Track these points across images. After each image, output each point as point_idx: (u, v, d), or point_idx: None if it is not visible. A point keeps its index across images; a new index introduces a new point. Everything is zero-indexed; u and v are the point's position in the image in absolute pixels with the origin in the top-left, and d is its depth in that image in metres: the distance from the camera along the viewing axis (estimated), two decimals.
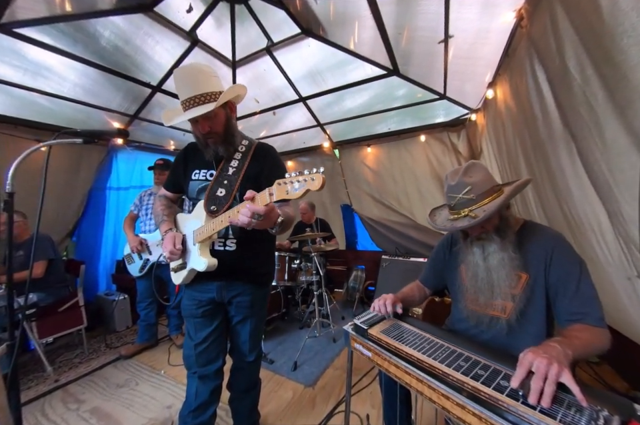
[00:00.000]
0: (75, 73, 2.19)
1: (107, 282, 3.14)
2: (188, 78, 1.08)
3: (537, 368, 0.64)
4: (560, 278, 0.91)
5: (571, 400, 0.63)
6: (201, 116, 1.07)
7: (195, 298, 1.23)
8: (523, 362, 0.67)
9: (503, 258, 0.95)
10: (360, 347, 1.03)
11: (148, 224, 2.46)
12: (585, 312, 0.84)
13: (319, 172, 0.77)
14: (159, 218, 1.27)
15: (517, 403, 0.63)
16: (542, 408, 0.61)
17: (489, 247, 0.98)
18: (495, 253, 0.97)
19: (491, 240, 0.98)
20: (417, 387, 0.81)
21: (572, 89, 1.07)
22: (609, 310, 1.61)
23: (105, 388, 1.98)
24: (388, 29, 1.91)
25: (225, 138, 1.16)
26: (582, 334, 0.79)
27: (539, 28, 1.18)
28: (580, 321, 0.84)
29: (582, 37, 0.94)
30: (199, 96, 1.06)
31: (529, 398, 0.62)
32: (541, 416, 0.59)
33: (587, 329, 0.81)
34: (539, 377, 0.63)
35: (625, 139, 0.93)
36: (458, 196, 0.95)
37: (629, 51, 0.79)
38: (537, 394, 0.61)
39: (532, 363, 0.66)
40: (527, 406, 0.62)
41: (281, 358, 2.27)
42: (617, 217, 1.15)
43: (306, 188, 0.78)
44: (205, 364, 1.24)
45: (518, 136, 1.85)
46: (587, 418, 0.57)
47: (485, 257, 0.99)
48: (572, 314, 0.86)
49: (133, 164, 3.21)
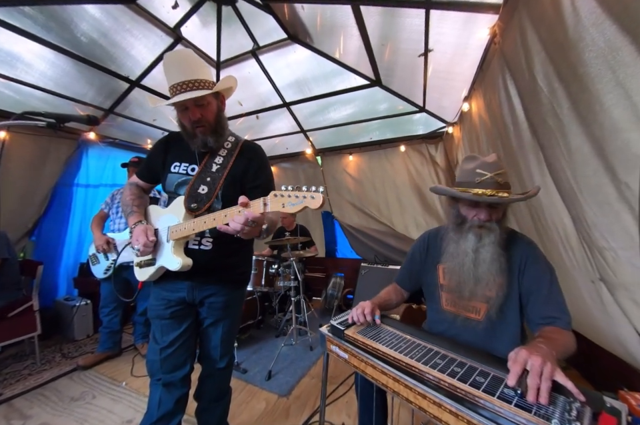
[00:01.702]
0: (44, 63, 2.08)
1: (67, 286, 2.91)
2: (181, 63, 1.05)
3: (531, 366, 0.64)
4: (533, 283, 0.95)
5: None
6: (194, 103, 1.04)
7: (163, 297, 1.15)
8: (517, 360, 0.66)
9: (494, 252, 0.95)
10: (336, 349, 1.00)
11: (118, 223, 2.33)
12: (555, 316, 0.89)
13: (318, 191, 0.76)
14: (128, 208, 1.18)
15: (493, 398, 0.62)
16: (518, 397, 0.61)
17: (487, 237, 0.96)
18: (490, 245, 0.95)
19: (491, 231, 0.96)
20: (394, 387, 0.79)
21: (540, 101, 1.15)
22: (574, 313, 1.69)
23: (56, 402, 1.79)
24: (372, 40, 1.98)
25: (216, 128, 1.12)
26: (557, 336, 0.82)
27: (510, 44, 1.27)
28: (551, 324, 0.88)
29: (549, 51, 1.02)
30: (193, 81, 1.03)
31: (528, 396, 0.60)
32: (515, 410, 0.59)
33: (558, 331, 0.84)
34: (535, 374, 0.62)
35: (588, 147, 0.99)
36: (490, 175, 0.93)
37: (590, 64, 0.86)
38: (534, 390, 0.60)
39: (526, 361, 0.65)
40: (503, 397, 0.62)
41: (255, 367, 2.17)
42: (581, 222, 1.22)
43: (304, 205, 0.77)
44: (171, 370, 1.16)
45: (492, 147, 1.95)
46: (560, 409, 0.58)
47: (477, 248, 0.97)
48: (544, 318, 0.90)
49: (105, 161, 3.05)
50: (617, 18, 0.76)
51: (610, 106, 0.85)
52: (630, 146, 0.86)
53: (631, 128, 0.83)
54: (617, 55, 0.79)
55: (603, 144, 0.94)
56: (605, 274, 1.25)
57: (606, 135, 0.91)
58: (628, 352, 1.39)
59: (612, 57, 0.80)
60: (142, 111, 2.85)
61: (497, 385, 0.67)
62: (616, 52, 0.79)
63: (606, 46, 0.81)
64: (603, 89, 0.86)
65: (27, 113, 1.03)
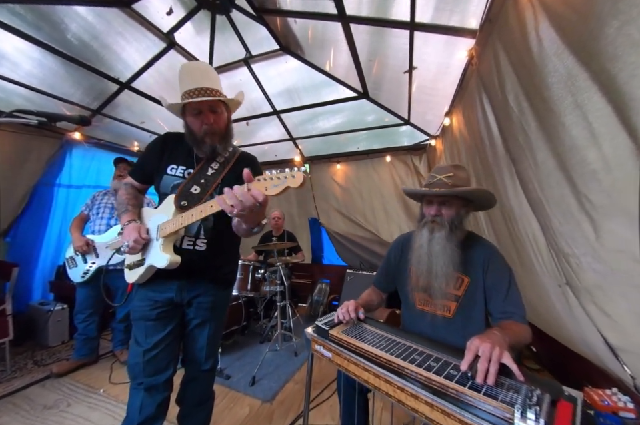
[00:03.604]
0: (31, 62, 2.07)
1: (42, 290, 2.80)
2: (201, 72, 1.12)
3: (482, 352, 0.72)
4: (494, 282, 1.06)
5: (511, 384, 0.69)
6: (209, 108, 1.10)
7: (150, 298, 1.15)
8: (470, 348, 0.75)
9: (445, 246, 1.05)
10: (321, 348, 1.03)
11: (98, 224, 2.27)
12: (513, 312, 1.01)
13: (300, 170, 0.78)
14: (122, 207, 1.19)
15: (464, 389, 0.68)
16: (488, 387, 0.67)
17: (437, 232, 1.08)
18: (440, 239, 1.06)
19: (442, 226, 1.08)
20: (375, 383, 0.83)
21: (511, 119, 1.26)
22: (545, 316, 1.79)
23: (28, 411, 1.71)
24: (360, 55, 2.09)
25: (225, 136, 1.18)
26: (512, 327, 0.94)
27: (485, 65, 1.39)
28: (509, 318, 1.00)
29: (518, 74, 1.13)
30: (210, 89, 1.08)
31: (477, 378, 0.69)
32: (484, 398, 0.65)
33: (515, 324, 0.97)
34: (484, 359, 0.71)
35: (552, 161, 1.09)
36: (439, 177, 1.08)
37: (553, 88, 0.96)
38: (483, 373, 0.69)
39: (478, 348, 0.73)
40: (474, 387, 0.68)
41: (239, 373, 2.15)
42: (548, 230, 1.32)
43: (286, 185, 0.78)
44: (154, 373, 1.15)
45: (470, 160, 2.07)
46: (522, 396, 0.64)
47: (430, 240, 1.08)
48: (503, 313, 1.03)
49: (89, 161, 3.00)
50: (574, 49, 0.87)
51: (570, 125, 0.96)
52: (588, 162, 0.96)
53: (588, 146, 0.93)
54: (575, 81, 0.89)
55: (564, 159, 1.04)
56: (570, 278, 1.35)
57: (567, 151, 1.01)
58: (593, 352, 1.49)
59: (571, 83, 0.90)
60: (129, 113, 2.85)
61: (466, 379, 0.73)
62: (574, 79, 0.89)
63: (565, 73, 0.91)
64: (564, 110, 0.96)
65: (18, 111, 1.03)
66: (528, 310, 1.66)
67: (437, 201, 1.10)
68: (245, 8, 2.02)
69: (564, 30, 0.88)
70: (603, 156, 0.90)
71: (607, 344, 1.29)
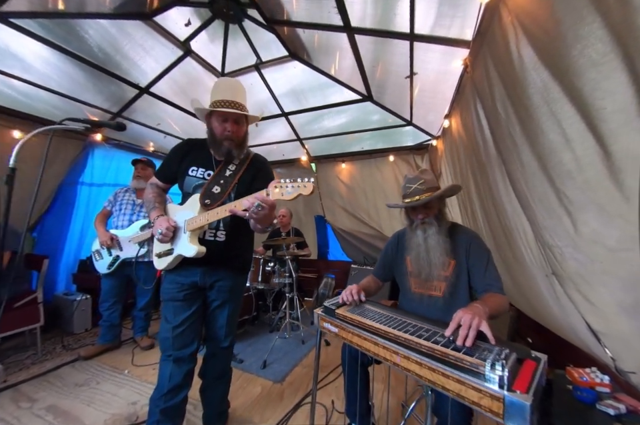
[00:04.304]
0: (57, 73, 2.25)
1: (66, 282, 3.00)
2: (232, 87, 1.32)
3: (463, 321, 0.87)
4: (475, 262, 1.25)
5: (486, 346, 0.84)
6: (234, 118, 1.28)
7: (177, 281, 1.32)
8: (454, 318, 0.91)
9: (438, 240, 1.25)
10: (328, 325, 1.19)
11: (121, 220, 2.45)
12: (491, 284, 1.20)
13: (310, 181, 1.01)
14: (151, 204, 1.36)
15: (447, 350, 0.82)
16: (466, 348, 0.82)
17: (429, 229, 1.28)
18: (433, 235, 1.27)
19: (431, 224, 1.29)
20: (374, 350, 0.98)
21: (500, 123, 1.39)
22: (536, 307, 1.92)
23: (61, 387, 1.90)
24: (364, 61, 2.23)
25: (241, 144, 1.35)
26: (492, 298, 1.10)
27: (478, 74, 1.52)
28: (488, 291, 1.18)
29: (504, 84, 1.26)
30: (238, 103, 1.27)
31: (458, 341, 0.84)
32: (463, 356, 0.79)
33: (494, 295, 1.13)
34: (464, 326, 0.86)
35: (535, 162, 1.23)
36: (414, 186, 1.28)
37: (532, 97, 1.09)
38: (462, 338, 0.84)
39: (461, 318, 0.88)
40: (455, 349, 0.82)
41: (251, 357, 2.32)
42: (535, 224, 1.45)
43: (298, 192, 1.00)
44: (181, 347, 1.31)
45: (467, 160, 2.19)
46: (494, 355, 0.78)
47: (425, 238, 1.28)
48: (484, 286, 1.21)
49: (109, 161, 3.20)
50: (547, 65, 1.00)
51: (547, 130, 1.09)
52: (563, 163, 1.09)
53: (563, 149, 1.06)
54: (550, 93, 1.02)
55: (545, 160, 1.17)
56: (556, 268, 1.47)
57: (547, 154, 1.15)
58: (579, 338, 1.62)
59: (546, 94, 1.04)
60: (144, 116, 3.02)
61: (450, 342, 0.87)
62: (549, 90, 1.02)
63: (542, 85, 1.04)
64: (542, 117, 1.09)
65: (68, 119, 1.20)
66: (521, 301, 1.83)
67: (420, 207, 1.32)
68: (256, 17, 2.17)
69: (539, 49, 1.01)
70: (576, 158, 1.04)
71: (590, 329, 1.42)
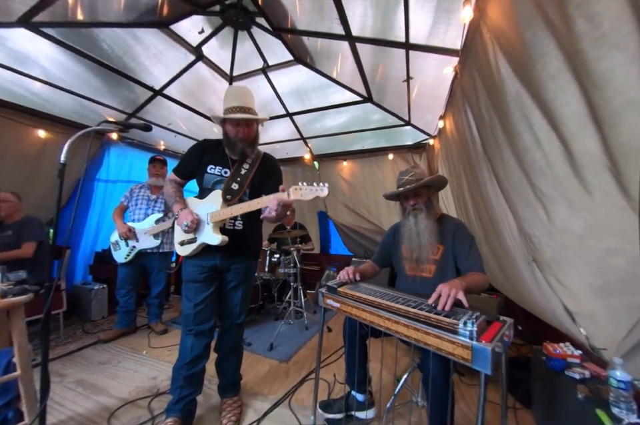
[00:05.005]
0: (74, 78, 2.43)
1: (83, 272, 3.19)
2: (241, 93, 1.49)
3: (443, 291, 1.05)
4: (460, 246, 1.41)
5: (461, 311, 1.01)
6: (246, 122, 1.45)
7: (199, 265, 1.50)
8: (436, 290, 1.08)
9: (427, 224, 1.43)
10: (331, 301, 1.36)
11: (137, 214, 2.63)
12: (473, 264, 1.36)
13: (325, 185, 1.23)
14: (172, 199, 1.53)
15: (430, 314, 1.00)
16: (446, 312, 1.00)
17: (419, 214, 1.46)
18: (423, 220, 1.45)
19: (421, 210, 1.47)
20: (370, 318, 1.15)
21: (485, 125, 1.55)
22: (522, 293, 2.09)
23: (87, 365, 2.09)
24: (365, 66, 2.39)
25: (252, 143, 1.52)
26: (472, 276, 1.27)
27: (466, 81, 1.68)
28: (471, 270, 1.34)
29: (487, 91, 1.43)
30: (248, 108, 1.44)
31: (438, 307, 1.02)
32: (442, 318, 0.96)
33: (474, 273, 1.30)
34: (444, 295, 1.04)
35: (513, 161, 1.39)
36: (405, 177, 1.49)
37: (509, 103, 1.26)
38: (442, 304, 1.02)
39: (442, 290, 1.06)
40: (437, 313, 1.00)
41: (258, 341, 2.50)
42: (517, 216, 1.61)
43: (316, 194, 1.22)
44: (201, 322, 1.49)
45: (460, 158, 2.36)
46: (466, 316, 0.95)
47: (416, 222, 1.46)
48: (467, 266, 1.37)
49: (123, 159, 3.38)
50: (519, 76, 1.16)
51: (521, 132, 1.25)
52: (536, 161, 1.26)
53: (535, 148, 1.23)
54: (522, 99, 1.18)
55: (521, 159, 1.33)
56: (535, 255, 1.64)
57: (523, 153, 1.31)
58: (557, 319, 1.78)
59: (519, 101, 1.20)
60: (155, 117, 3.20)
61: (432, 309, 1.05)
62: (521, 97, 1.18)
63: (515, 93, 1.21)
64: (517, 121, 1.26)
65: (105, 122, 1.38)
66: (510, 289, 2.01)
67: (411, 195, 1.50)
68: (264, 24, 2.34)
69: (512, 62, 1.17)
70: (545, 156, 1.20)
71: (566, 311, 1.58)
